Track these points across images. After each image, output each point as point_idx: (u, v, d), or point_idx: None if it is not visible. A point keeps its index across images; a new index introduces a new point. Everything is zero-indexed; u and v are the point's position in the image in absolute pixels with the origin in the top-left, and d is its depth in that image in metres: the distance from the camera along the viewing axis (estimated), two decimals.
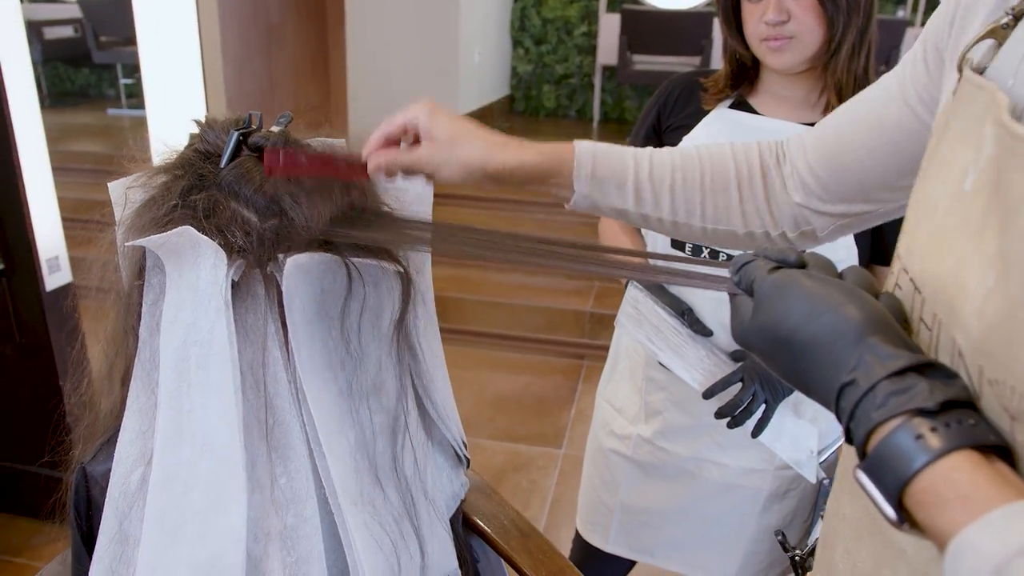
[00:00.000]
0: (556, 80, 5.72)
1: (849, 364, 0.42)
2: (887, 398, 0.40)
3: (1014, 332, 0.39)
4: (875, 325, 0.43)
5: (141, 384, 0.70)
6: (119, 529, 0.70)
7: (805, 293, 0.46)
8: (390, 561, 0.72)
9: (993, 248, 0.41)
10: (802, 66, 0.98)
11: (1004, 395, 0.39)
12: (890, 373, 0.40)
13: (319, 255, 0.66)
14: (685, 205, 0.75)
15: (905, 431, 0.39)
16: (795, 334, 0.45)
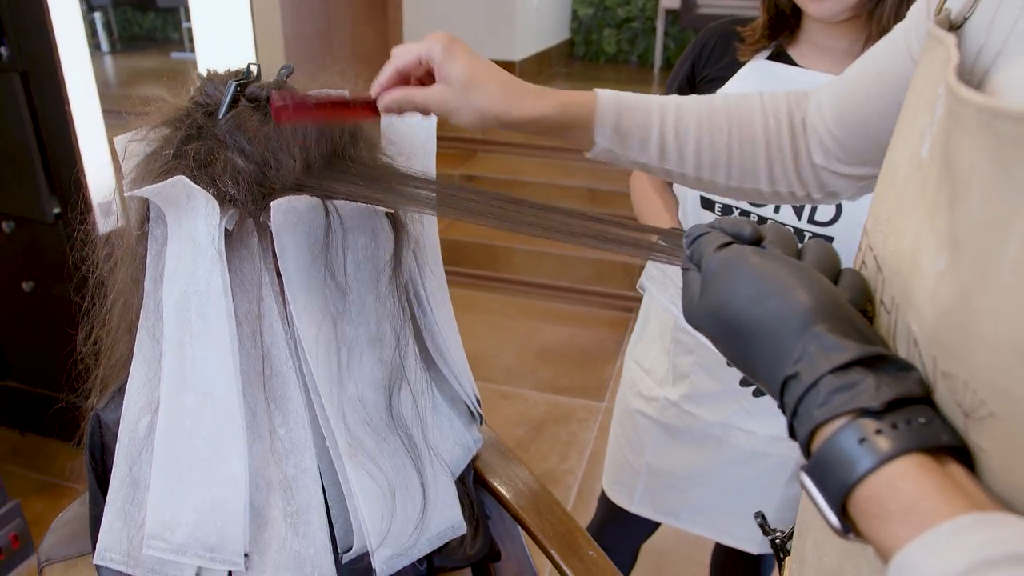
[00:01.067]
0: (617, 24, 5.54)
1: (793, 355, 0.38)
2: (830, 395, 0.36)
3: (966, 321, 0.35)
4: (824, 311, 0.39)
5: (147, 333, 0.71)
6: (129, 473, 0.72)
7: (752, 273, 0.42)
8: (389, 506, 0.73)
9: (944, 225, 0.37)
10: (845, 13, 0.90)
11: (957, 390, 0.36)
12: (834, 367, 0.37)
13: (303, 197, 0.65)
14: (710, 162, 0.70)
15: (849, 433, 0.35)
16: (739, 317, 0.42)
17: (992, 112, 0.33)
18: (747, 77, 1.02)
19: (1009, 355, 0.32)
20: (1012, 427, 0.33)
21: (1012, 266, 0.32)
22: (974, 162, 0.35)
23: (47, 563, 0.80)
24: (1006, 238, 0.33)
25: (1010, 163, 0.32)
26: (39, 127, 1.74)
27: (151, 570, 0.71)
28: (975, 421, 0.35)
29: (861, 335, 0.39)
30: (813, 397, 0.37)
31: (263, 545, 0.71)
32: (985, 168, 0.34)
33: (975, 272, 0.35)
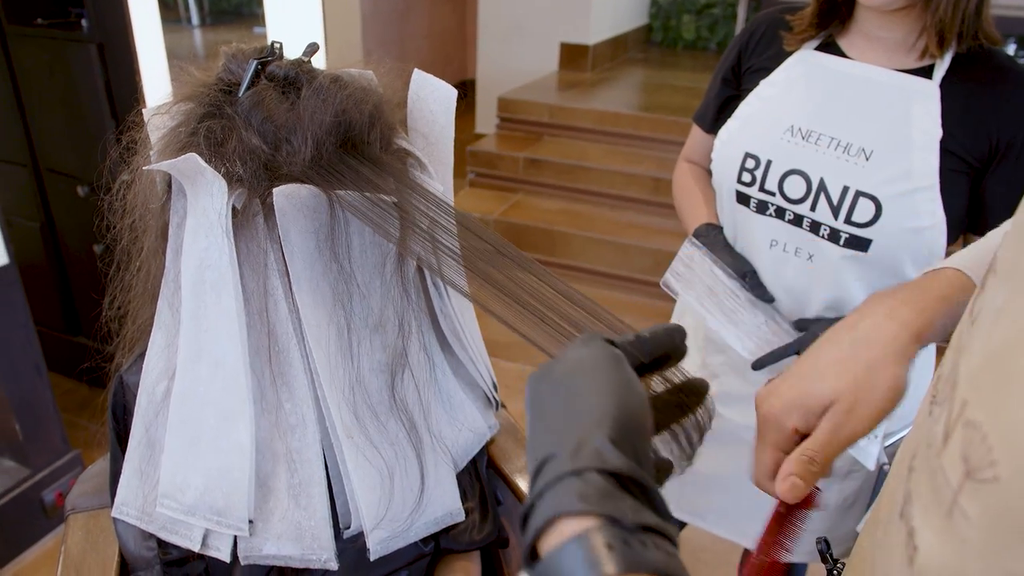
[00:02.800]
0: (698, 9, 5.41)
1: (567, 444, 0.36)
2: (586, 492, 0.33)
3: (1012, 371, 0.31)
4: (617, 423, 0.37)
5: (166, 303, 0.74)
6: (146, 434, 0.75)
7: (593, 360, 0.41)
8: (387, 489, 0.74)
9: (1010, 254, 0.33)
10: (900, 2, 0.85)
11: (973, 442, 0.33)
12: (605, 469, 0.34)
13: (305, 187, 0.66)
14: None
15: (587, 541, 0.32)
16: (548, 394, 0.40)
17: None
18: (793, 68, 0.98)
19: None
20: (1010, 499, 0.30)
21: None
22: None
23: (72, 512, 0.85)
24: None
25: None
26: (112, 96, 1.82)
27: (162, 527, 0.74)
28: (974, 483, 0.32)
29: (639, 463, 0.36)
30: (569, 484, 0.34)
31: (267, 513, 0.73)
32: None
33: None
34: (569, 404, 0.39)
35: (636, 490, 0.35)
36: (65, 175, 2.01)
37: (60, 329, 2.28)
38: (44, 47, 1.85)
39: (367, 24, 4.36)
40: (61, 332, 2.28)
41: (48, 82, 1.89)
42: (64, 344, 2.28)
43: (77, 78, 1.82)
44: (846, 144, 0.92)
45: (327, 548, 0.73)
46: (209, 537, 0.74)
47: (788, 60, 0.99)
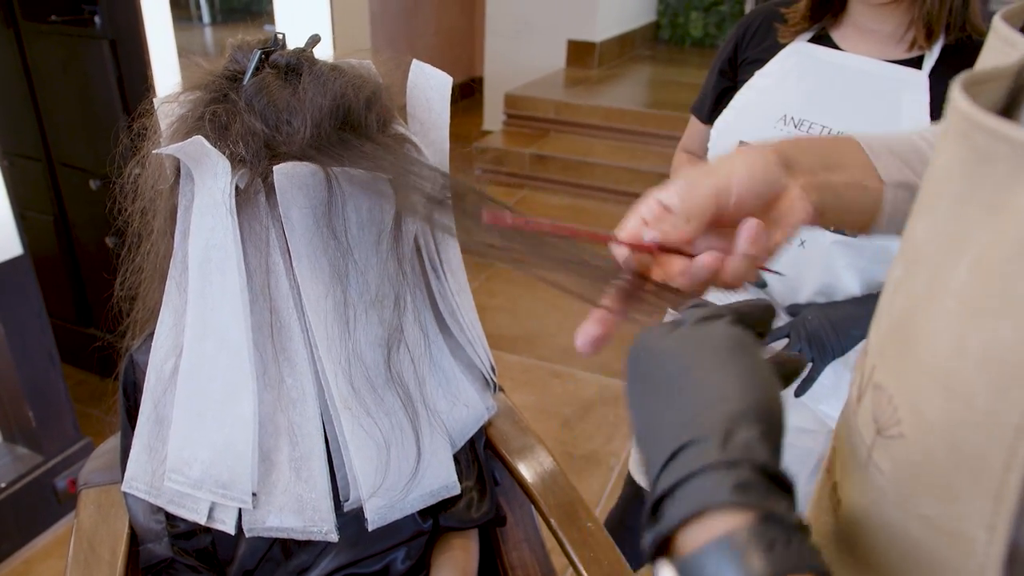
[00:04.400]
0: (705, 7, 5.42)
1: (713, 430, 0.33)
2: (746, 486, 0.31)
3: (908, 337, 0.33)
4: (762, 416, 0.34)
5: (175, 283, 0.77)
6: (154, 410, 0.78)
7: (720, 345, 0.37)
8: (383, 459, 0.77)
9: (910, 231, 0.35)
10: None
11: (880, 403, 0.34)
12: (758, 463, 0.31)
13: (303, 164, 0.68)
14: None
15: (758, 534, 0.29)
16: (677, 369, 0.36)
17: (971, 122, 0.30)
18: (786, 59, 1.00)
19: (935, 382, 0.31)
20: (914, 453, 0.33)
21: (958, 290, 0.30)
22: (950, 171, 0.33)
23: (85, 487, 0.88)
24: (959, 259, 0.31)
25: (978, 176, 0.30)
26: (124, 92, 1.85)
27: (170, 501, 0.77)
28: (883, 439, 0.34)
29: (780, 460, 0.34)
30: (718, 475, 0.31)
31: (270, 486, 0.76)
32: (956, 179, 0.32)
33: (925, 288, 0.33)
34: (707, 387, 0.35)
35: (784, 490, 0.32)
36: (78, 169, 2.05)
37: (72, 320, 2.32)
38: (58, 44, 1.89)
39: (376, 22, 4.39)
40: (73, 323, 2.32)
41: (62, 78, 1.93)
42: (76, 335, 2.32)
43: (90, 74, 1.85)
44: (837, 132, 0.94)
45: (327, 520, 0.76)
46: (215, 510, 0.76)
47: (782, 52, 1.01)
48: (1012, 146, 0.28)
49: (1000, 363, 0.28)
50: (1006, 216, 0.28)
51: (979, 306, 0.29)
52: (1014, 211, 0.28)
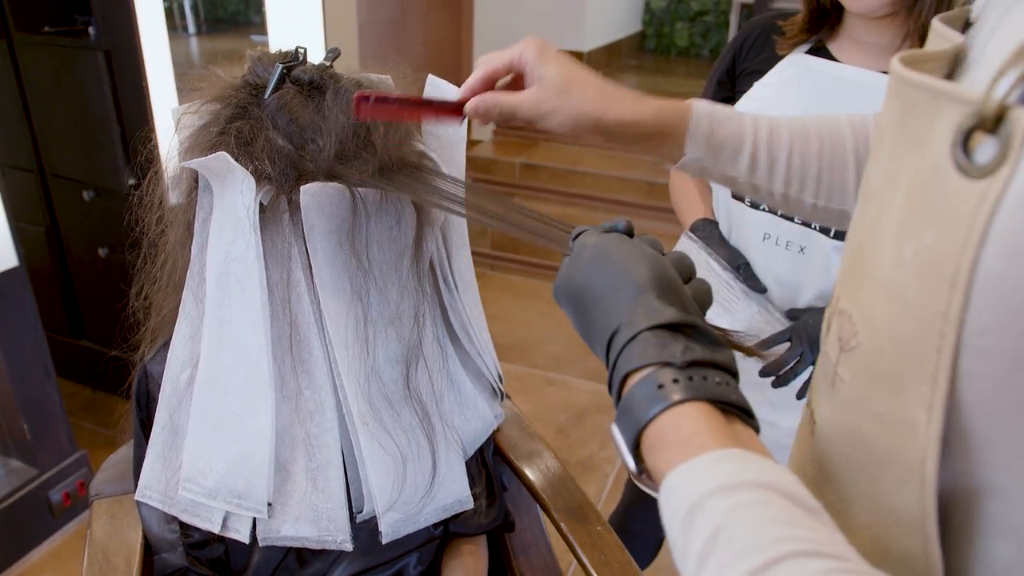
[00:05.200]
0: (691, 17, 5.48)
1: (623, 316, 0.43)
2: (645, 348, 0.41)
3: (862, 262, 0.40)
4: (655, 284, 0.44)
5: (191, 294, 0.77)
6: (169, 420, 0.78)
7: (606, 249, 0.48)
8: (400, 474, 0.77)
9: (864, 181, 0.44)
10: (885, 8, 0.90)
11: (843, 325, 0.41)
12: (653, 325, 0.42)
13: (330, 184, 0.69)
14: (800, 178, 0.68)
15: (650, 380, 0.40)
16: (587, 283, 0.47)
17: (902, 80, 0.39)
18: (784, 70, 1.02)
19: (881, 291, 0.38)
20: (870, 357, 0.39)
21: (895, 213, 0.37)
22: (889, 124, 0.40)
23: (96, 497, 0.88)
24: (896, 187, 0.38)
25: (907, 121, 0.38)
26: (119, 103, 1.85)
27: (184, 510, 0.77)
28: (846, 353, 0.41)
29: (684, 309, 0.44)
30: (630, 349, 0.42)
31: (285, 496, 0.76)
32: (894, 128, 0.39)
33: (874, 218, 0.40)
34: (611, 283, 0.45)
35: (688, 331, 0.42)
36: (71, 180, 2.04)
37: (64, 333, 2.31)
38: (51, 54, 1.89)
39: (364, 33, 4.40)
40: (65, 336, 2.31)
41: (55, 89, 1.92)
42: (68, 347, 2.30)
43: (84, 85, 1.85)
44: None
45: (343, 530, 0.77)
46: (229, 519, 0.77)
47: (780, 63, 1.03)
48: (929, 93, 0.36)
49: (926, 264, 0.35)
50: (927, 148, 0.35)
51: (909, 221, 0.36)
52: (932, 143, 0.35)
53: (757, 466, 0.35)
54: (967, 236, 0.32)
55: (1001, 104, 0.31)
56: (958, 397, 0.35)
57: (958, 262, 0.33)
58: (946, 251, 0.33)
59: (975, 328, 0.33)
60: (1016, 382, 0.33)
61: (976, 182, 0.32)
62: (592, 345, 0.47)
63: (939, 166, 0.34)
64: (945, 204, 0.34)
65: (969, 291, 0.33)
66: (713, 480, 0.35)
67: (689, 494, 0.35)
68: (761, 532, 0.32)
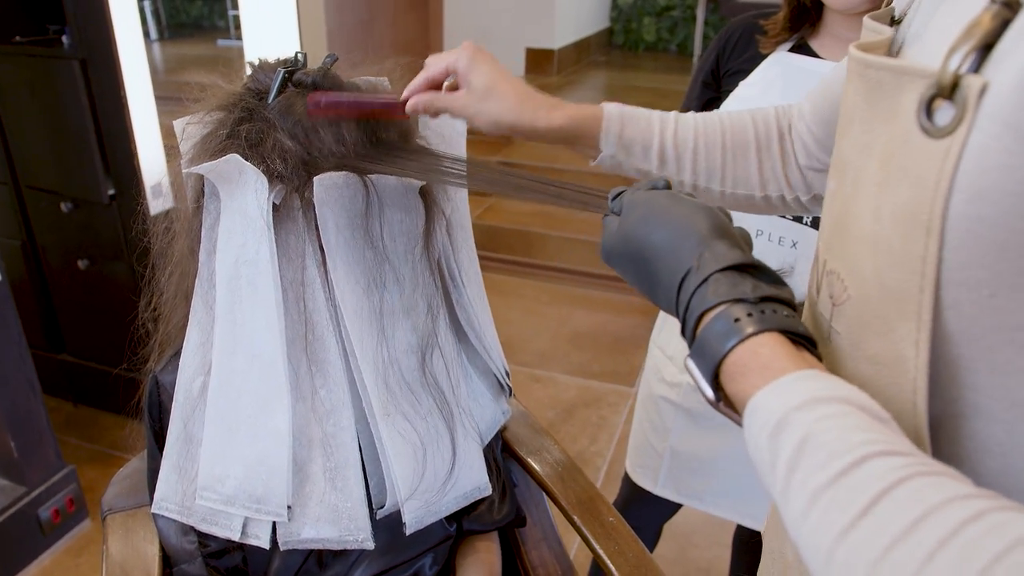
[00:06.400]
0: (657, 12, 5.53)
1: (691, 262, 0.47)
2: (717, 288, 0.44)
3: (845, 225, 0.44)
4: (718, 231, 0.48)
5: (201, 301, 0.77)
6: (184, 430, 0.78)
7: (660, 205, 0.51)
8: (420, 461, 0.78)
9: (835, 155, 0.49)
10: (864, 5, 0.92)
11: (833, 284, 0.46)
12: (723, 267, 0.45)
13: (343, 173, 0.71)
14: (706, 168, 0.76)
15: (725, 316, 0.43)
16: (649, 238, 0.50)
17: (865, 63, 0.44)
18: (769, 69, 1.05)
19: (865, 246, 0.42)
20: (860, 307, 0.44)
21: (872, 178, 0.42)
22: (856, 103, 0.46)
23: (109, 512, 0.87)
24: (871, 156, 0.43)
25: (874, 97, 0.43)
26: (96, 112, 1.83)
27: (203, 519, 0.77)
28: (838, 308, 0.45)
29: (744, 252, 0.47)
30: (703, 289, 0.45)
31: (304, 498, 0.77)
32: (861, 106, 0.45)
33: (852, 186, 0.45)
34: (674, 234, 0.49)
35: (753, 272, 0.46)
36: (47, 192, 2.01)
37: (43, 347, 2.27)
38: (25, 65, 1.85)
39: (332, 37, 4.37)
40: (44, 350, 2.27)
41: (29, 100, 1.89)
42: (47, 362, 2.26)
43: (59, 95, 1.82)
44: None
45: (364, 528, 0.77)
46: (248, 526, 0.77)
47: (764, 62, 1.05)
48: (892, 72, 0.42)
49: (903, 216, 0.39)
50: (896, 119, 0.41)
51: (886, 182, 0.41)
52: (899, 113, 0.40)
53: (833, 383, 0.39)
54: (936, 186, 0.37)
55: (955, 74, 0.36)
56: (942, 329, 0.39)
57: (931, 210, 0.38)
58: (920, 202, 0.38)
59: (953, 264, 0.38)
60: (997, 305, 0.37)
61: (940, 141, 0.37)
62: (655, 295, 0.50)
63: (907, 131, 0.39)
64: (915, 163, 0.39)
65: (944, 234, 0.37)
66: (797, 396, 0.38)
67: (775, 410, 0.38)
68: (846, 437, 0.36)
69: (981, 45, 0.36)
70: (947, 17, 0.44)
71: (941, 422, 0.41)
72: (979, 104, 0.35)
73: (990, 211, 0.36)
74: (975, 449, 0.41)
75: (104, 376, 2.18)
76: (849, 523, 0.33)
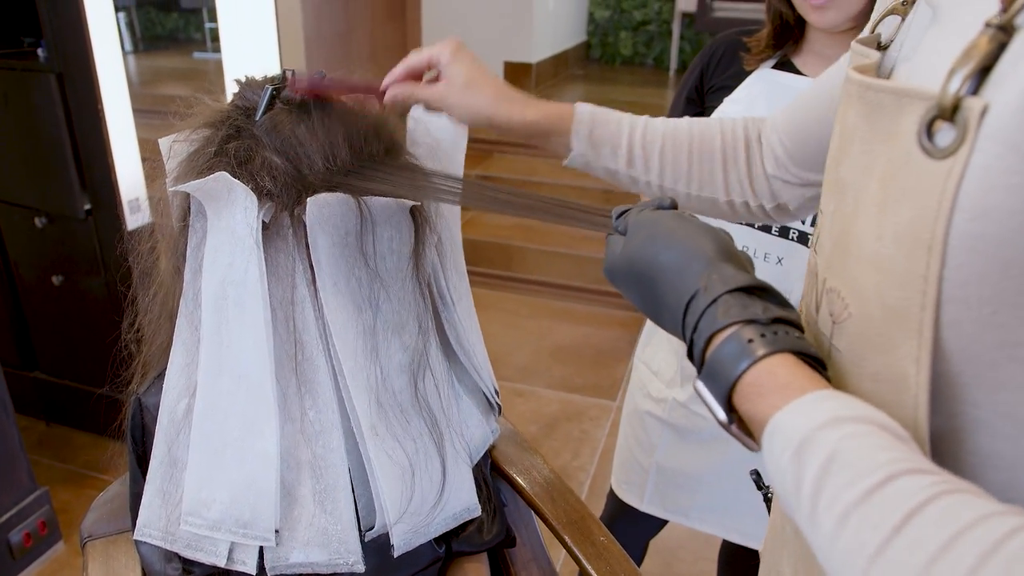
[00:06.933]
0: (634, 27, 5.58)
1: (699, 283, 0.47)
2: (728, 309, 0.45)
3: (846, 245, 0.45)
4: (724, 254, 0.48)
5: (186, 321, 0.76)
6: (168, 453, 0.76)
7: (666, 226, 0.51)
8: (408, 483, 0.77)
9: (833, 177, 0.49)
10: (847, 24, 0.94)
11: (833, 302, 0.46)
12: (731, 289, 0.45)
13: (337, 195, 0.70)
14: (672, 170, 0.78)
15: (737, 338, 0.43)
16: (656, 259, 0.50)
17: (864, 86, 0.45)
18: (753, 85, 1.06)
19: (867, 265, 0.43)
20: (861, 325, 0.44)
21: (873, 198, 0.43)
22: (855, 124, 0.46)
23: (89, 539, 0.85)
24: (871, 176, 0.43)
25: (875, 118, 0.44)
26: (72, 126, 1.80)
27: (187, 546, 0.75)
28: (839, 325, 0.46)
29: (752, 275, 0.48)
30: (712, 310, 0.45)
31: (293, 522, 0.75)
32: (861, 127, 0.45)
33: (853, 205, 0.45)
34: (681, 255, 0.49)
35: (761, 294, 0.46)
36: (21, 207, 1.97)
37: (15, 364, 2.22)
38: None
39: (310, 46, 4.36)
40: (16, 367, 2.22)
41: (4, 113, 1.86)
42: (20, 380, 2.22)
43: (35, 108, 1.79)
44: None
45: (354, 552, 0.76)
46: (235, 551, 0.75)
47: (748, 79, 1.07)
48: (893, 94, 0.42)
49: (905, 235, 0.40)
50: (896, 140, 0.41)
51: (887, 202, 0.41)
52: (900, 134, 0.41)
53: (852, 403, 0.40)
54: (939, 206, 0.38)
55: (956, 96, 0.37)
56: (943, 347, 0.40)
57: (933, 229, 0.38)
58: (922, 221, 0.39)
59: (955, 282, 0.38)
60: (1000, 322, 0.38)
61: (941, 162, 0.38)
62: (659, 316, 0.50)
63: (908, 152, 0.40)
64: (917, 183, 0.39)
65: (945, 252, 0.38)
66: (820, 416, 0.39)
67: (799, 430, 0.38)
68: (873, 456, 0.36)
69: (980, 68, 0.37)
70: (938, 40, 0.44)
71: (942, 436, 0.42)
72: (980, 125, 0.36)
73: (994, 229, 0.36)
74: (978, 464, 0.41)
75: (78, 394, 2.13)
76: (883, 541, 0.33)
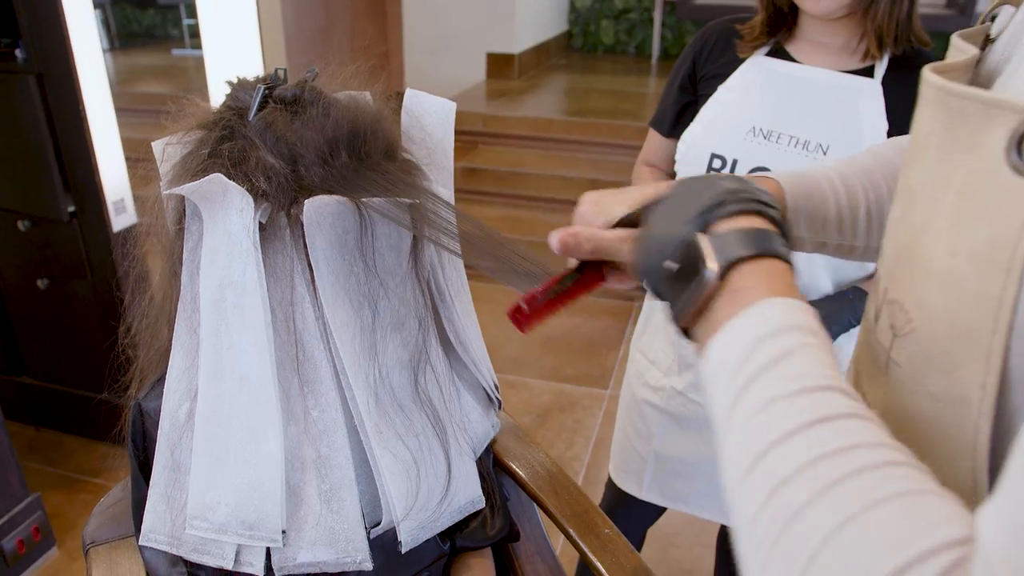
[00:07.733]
0: (615, 15, 5.57)
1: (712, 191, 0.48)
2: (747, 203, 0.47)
3: (913, 256, 0.44)
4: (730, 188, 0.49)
5: (184, 325, 0.75)
6: (171, 458, 0.76)
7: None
8: (414, 480, 0.77)
9: (903, 182, 0.47)
10: (841, 11, 0.94)
11: (895, 313, 0.45)
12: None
13: (334, 197, 0.69)
14: (879, 227, 0.66)
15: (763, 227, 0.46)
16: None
17: (946, 91, 0.42)
18: (747, 73, 1.06)
19: (936, 281, 0.41)
20: (923, 340, 0.43)
21: (947, 211, 0.41)
22: (932, 129, 0.43)
23: (92, 545, 0.84)
24: (947, 188, 0.41)
25: (955, 127, 0.41)
26: (54, 128, 1.77)
27: (194, 549, 0.75)
28: (900, 338, 0.45)
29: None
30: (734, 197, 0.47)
31: (299, 522, 0.75)
32: (939, 134, 0.43)
33: (922, 215, 0.43)
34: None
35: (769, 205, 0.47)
36: (3, 210, 1.95)
37: (2, 370, 2.20)
38: None
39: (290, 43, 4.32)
40: (3, 373, 2.20)
41: None
42: (7, 385, 2.19)
43: (15, 111, 1.76)
44: (804, 141, 1.01)
45: (361, 549, 0.76)
46: (241, 553, 0.75)
47: (742, 66, 1.07)
48: (980, 103, 0.39)
49: (982, 254, 0.38)
50: (980, 152, 0.39)
51: (963, 217, 0.40)
52: (985, 147, 0.38)
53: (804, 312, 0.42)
54: (1022, 227, 0.36)
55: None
56: (1008, 376, 0.38)
57: (1013, 251, 0.36)
58: (1001, 241, 0.37)
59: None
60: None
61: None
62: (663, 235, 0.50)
63: (993, 166, 0.37)
64: (1000, 200, 0.37)
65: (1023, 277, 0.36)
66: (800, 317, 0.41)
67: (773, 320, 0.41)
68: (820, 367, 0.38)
69: None
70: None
71: (999, 464, 0.39)
72: None
73: None
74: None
75: (68, 398, 2.11)
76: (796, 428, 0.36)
